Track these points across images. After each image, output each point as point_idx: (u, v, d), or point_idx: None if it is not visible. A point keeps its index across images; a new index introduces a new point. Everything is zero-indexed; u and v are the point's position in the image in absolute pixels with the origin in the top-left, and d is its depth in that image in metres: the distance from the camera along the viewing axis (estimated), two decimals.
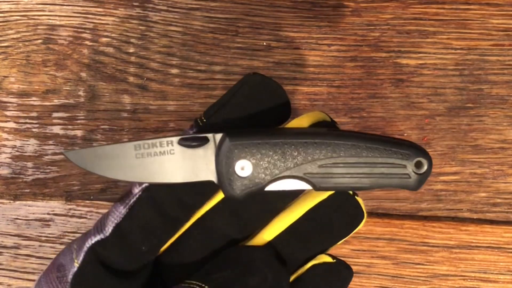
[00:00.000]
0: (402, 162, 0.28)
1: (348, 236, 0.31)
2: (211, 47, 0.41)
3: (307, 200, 0.30)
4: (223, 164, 0.28)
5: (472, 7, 0.41)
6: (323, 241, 0.31)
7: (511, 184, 0.41)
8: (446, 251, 0.41)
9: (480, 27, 0.41)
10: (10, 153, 0.42)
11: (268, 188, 0.29)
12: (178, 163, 0.28)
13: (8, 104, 0.42)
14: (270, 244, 0.30)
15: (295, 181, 0.28)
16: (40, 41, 0.42)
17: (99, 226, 0.29)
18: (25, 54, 0.42)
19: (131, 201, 0.29)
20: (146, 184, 0.29)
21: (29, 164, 0.42)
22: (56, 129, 0.42)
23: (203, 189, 0.29)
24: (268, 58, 0.41)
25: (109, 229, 0.29)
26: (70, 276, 0.29)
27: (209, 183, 0.28)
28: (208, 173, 0.28)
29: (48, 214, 0.42)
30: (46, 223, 0.42)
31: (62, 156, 0.42)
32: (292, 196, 0.31)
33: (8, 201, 0.42)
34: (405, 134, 0.41)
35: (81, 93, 0.42)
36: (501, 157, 0.41)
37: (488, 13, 0.41)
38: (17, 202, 0.42)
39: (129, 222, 0.29)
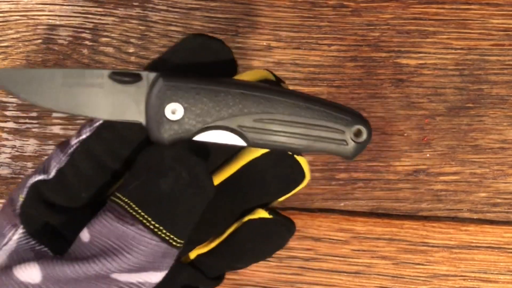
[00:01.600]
0: (341, 128, 0.28)
1: (288, 195, 0.31)
2: None
3: (243, 156, 0.30)
4: (153, 105, 0.27)
5: (472, 7, 0.41)
6: (257, 196, 0.30)
7: (511, 184, 0.41)
8: (446, 251, 0.41)
9: (480, 27, 0.41)
10: (10, 153, 0.42)
11: (198, 137, 0.27)
12: (107, 98, 0.27)
13: (8, 104, 0.42)
14: None
15: (228, 133, 0.27)
16: (40, 41, 0.42)
17: (45, 167, 0.29)
18: (25, 54, 0.42)
19: (70, 150, 0.29)
20: (83, 137, 0.29)
21: (29, 164, 0.42)
22: (56, 129, 0.42)
23: (141, 145, 0.29)
24: (268, 58, 0.41)
25: (52, 171, 0.29)
26: (18, 210, 0.29)
27: (137, 128, 0.27)
28: (137, 114, 0.27)
29: None
30: None
31: None
32: (229, 153, 0.30)
33: None
34: (405, 134, 0.41)
35: None
36: (501, 157, 0.41)
37: (488, 13, 0.41)
38: None
39: (69, 170, 0.29)
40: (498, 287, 0.41)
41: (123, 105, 0.27)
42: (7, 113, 0.42)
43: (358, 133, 0.28)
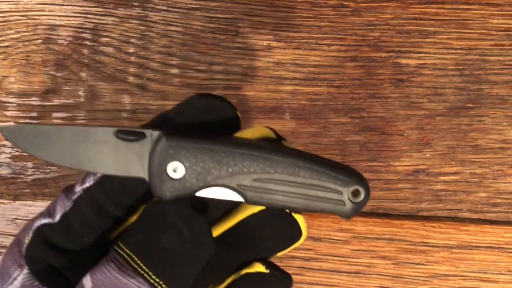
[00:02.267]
0: (338, 188, 0.28)
1: (285, 252, 0.31)
2: (211, 47, 0.41)
3: (241, 211, 0.30)
4: (156, 163, 0.28)
5: (472, 7, 0.41)
6: (254, 251, 0.31)
7: (511, 184, 0.41)
8: (446, 251, 0.41)
9: (480, 27, 0.41)
10: (10, 153, 0.42)
11: (198, 194, 0.28)
12: (112, 155, 0.28)
13: (8, 104, 0.42)
14: None
15: (228, 190, 0.28)
16: (40, 41, 0.42)
17: (50, 210, 0.31)
18: (25, 54, 0.42)
19: (74, 197, 0.30)
20: (87, 185, 0.30)
21: (29, 164, 0.42)
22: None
23: (142, 194, 0.30)
24: (268, 58, 0.41)
25: (57, 216, 0.30)
26: (24, 251, 0.31)
27: (140, 180, 0.28)
28: (140, 170, 0.28)
29: None
30: None
31: None
32: (227, 206, 0.31)
33: (8, 201, 0.42)
34: (405, 134, 0.41)
35: (81, 93, 0.42)
36: (501, 157, 0.41)
37: (488, 13, 0.41)
38: (17, 202, 0.42)
39: (73, 216, 0.30)
40: (498, 287, 0.41)
41: (127, 161, 0.28)
42: (7, 113, 0.42)
43: (356, 193, 0.28)
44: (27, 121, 0.42)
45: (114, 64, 0.42)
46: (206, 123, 0.29)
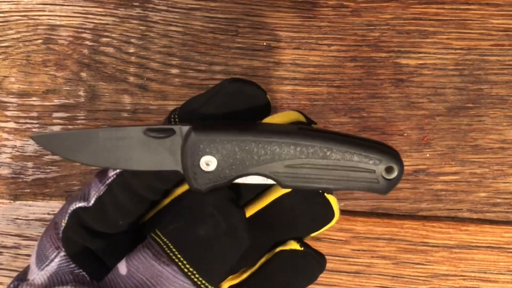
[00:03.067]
0: (371, 167, 0.28)
1: (318, 232, 0.31)
2: (211, 47, 0.41)
3: (273, 191, 0.30)
4: (188, 158, 0.28)
5: (472, 7, 0.41)
6: (286, 231, 0.31)
7: (511, 184, 0.41)
8: (446, 251, 0.41)
9: (480, 27, 0.41)
10: (11, 153, 0.42)
11: (233, 182, 0.28)
12: (144, 152, 0.29)
13: (8, 104, 0.42)
14: None
15: (261, 177, 0.28)
16: (40, 41, 0.42)
17: (85, 194, 0.31)
18: (25, 54, 0.42)
19: (108, 181, 0.30)
20: (120, 170, 0.30)
21: (30, 164, 0.42)
22: (56, 129, 0.42)
23: (171, 177, 0.30)
24: (268, 58, 0.41)
25: (92, 200, 0.31)
26: (61, 234, 0.31)
27: (175, 172, 0.29)
28: (174, 164, 0.29)
29: (49, 214, 0.42)
30: (46, 223, 0.42)
31: None
32: (260, 187, 0.31)
33: (8, 201, 0.42)
34: (405, 134, 0.41)
35: (81, 93, 0.42)
36: (501, 157, 0.41)
37: (488, 13, 0.41)
38: (18, 202, 0.42)
39: (108, 199, 0.30)
40: (498, 286, 0.41)
41: (160, 157, 0.29)
42: (8, 113, 0.42)
43: (389, 170, 0.28)
44: (28, 121, 0.42)
45: (114, 64, 0.42)
46: (237, 108, 0.29)
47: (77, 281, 0.30)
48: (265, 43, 0.41)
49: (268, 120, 0.30)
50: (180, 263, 0.28)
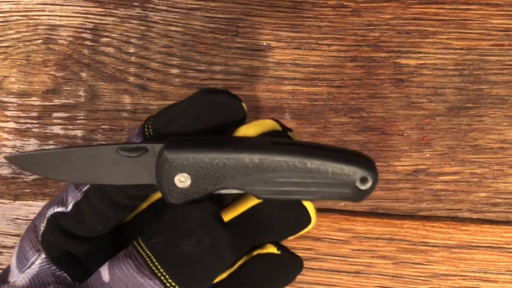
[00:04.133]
0: (346, 179, 0.28)
1: (294, 236, 0.31)
2: (211, 47, 0.41)
3: (251, 197, 0.31)
4: (162, 175, 0.28)
5: (472, 7, 0.41)
6: (264, 236, 0.31)
7: (511, 184, 0.41)
8: (446, 251, 0.41)
9: (480, 27, 0.41)
10: (11, 153, 0.42)
11: (208, 195, 0.29)
12: (120, 169, 0.29)
13: (8, 104, 0.42)
14: None
15: (238, 190, 0.29)
16: (40, 41, 0.42)
17: (63, 199, 0.31)
18: (26, 54, 0.42)
19: (84, 188, 0.31)
20: None
21: None
22: (56, 129, 0.42)
23: (147, 187, 0.30)
24: (268, 58, 0.41)
25: (69, 205, 0.31)
26: (39, 236, 0.32)
27: (151, 186, 0.29)
28: (149, 178, 0.29)
29: None
30: None
31: None
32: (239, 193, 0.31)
33: (8, 201, 0.42)
34: (405, 134, 0.41)
35: (81, 93, 0.42)
36: (501, 157, 0.41)
37: (488, 13, 0.41)
38: (18, 202, 0.42)
39: (85, 205, 0.30)
40: (497, 286, 0.41)
41: (135, 172, 0.29)
42: (8, 113, 0.42)
43: (363, 181, 0.28)
44: (27, 121, 0.42)
45: (114, 64, 0.42)
46: (211, 120, 0.29)
47: (59, 282, 0.31)
48: (265, 43, 0.41)
49: (243, 129, 0.30)
50: (162, 278, 0.28)
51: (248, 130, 0.30)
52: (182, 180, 0.28)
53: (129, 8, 0.42)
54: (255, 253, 0.31)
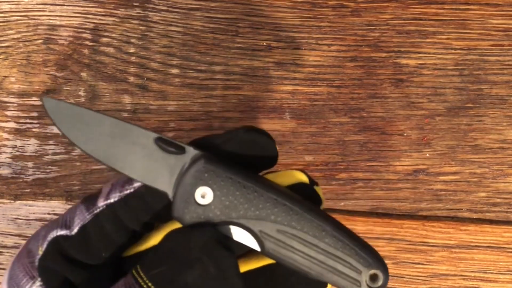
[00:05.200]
0: (358, 267, 0.27)
1: None
2: (211, 47, 0.41)
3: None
4: (186, 183, 0.27)
5: (471, 7, 0.41)
6: None
7: (511, 184, 0.41)
8: (446, 250, 0.41)
9: (480, 27, 0.41)
10: (11, 153, 0.42)
11: (217, 227, 0.27)
12: (144, 161, 0.27)
13: (8, 104, 0.42)
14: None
15: (247, 234, 0.27)
16: (40, 41, 0.42)
17: (67, 221, 0.30)
18: (26, 54, 0.42)
19: (96, 211, 0.29)
20: (111, 201, 0.29)
21: (30, 164, 0.42)
22: (57, 129, 0.42)
23: (162, 212, 0.29)
24: (268, 58, 0.41)
25: (75, 228, 0.29)
26: (36, 262, 0.30)
27: (163, 195, 0.27)
28: (167, 185, 0.27)
29: (49, 214, 0.42)
30: (47, 223, 0.42)
31: (62, 156, 0.42)
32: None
33: (8, 201, 0.42)
34: (405, 134, 0.41)
35: (81, 93, 0.42)
36: (501, 157, 0.41)
37: (487, 13, 0.41)
38: (18, 202, 0.42)
39: (93, 229, 0.29)
40: (497, 286, 0.41)
41: (157, 172, 0.27)
42: (8, 113, 0.42)
43: (374, 278, 0.27)
44: (28, 121, 0.42)
45: (114, 64, 0.42)
46: (246, 157, 0.29)
47: None
48: (265, 43, 0.41)
49: (272, 176, 0.30)
50: None
51: (277, 177, 0.30)
52: (204, 196, 0.27)
53: (129, 8, 0.42)
54: None
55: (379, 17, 0.41)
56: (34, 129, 0.42)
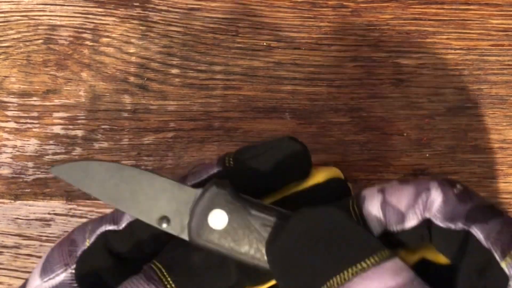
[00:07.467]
0: None
1: None
2: (211, 47, 0.41)
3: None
4: (203, 206, 0.28)
5: (471, 7, 0.41)
6: None
7: (511, 184, 0.41)
8: None
9: (480, 27, 0.41)
10: (11, 153, 0.42)
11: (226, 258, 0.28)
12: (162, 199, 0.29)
13: (8, 104, 0.42)
14: None
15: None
16: (40, 41, 0.42)
17: (115, 218, 0.32)
18: (26, 54, 0.42)
19: None
20: None
21: (30, 164, 0.42)
22: (57, 129, 0.42)
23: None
24: (268, 58, 0.41)
25: (123, 224, 0.31)
26: (79, 252, 0.31)
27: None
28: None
29: (49, 213, 0.42)
30: (47, 222, 0.42)
31: (63, 156, 0.42)
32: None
33: (8, 201, 0.42)
34: (405, 134, 0.41)
35: (81, 93, 0.42)
36: (501, 157, 0.41)
37: (487, 13, 0.41)
38: (18, 202, 0.42)
39: (138, 226, 0.31)
40: None
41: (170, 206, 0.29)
42: (8, 113, 0.42)
43: None
44: (28, 121, 0.42)
45: (114, 64, 0.42)
46: (288, 165, 0.31)
47: None
48: (265, 43, 0.41)
49: (314, 172, 0.32)
50: (168, 285, 0.28)
51: (318, 175, 0.32)
52: (217, 217, 0.28)
53: (129, 8, 0.42)
54: None
55: (379, 17, 0.41)
56: (34, 129, 0.42)
